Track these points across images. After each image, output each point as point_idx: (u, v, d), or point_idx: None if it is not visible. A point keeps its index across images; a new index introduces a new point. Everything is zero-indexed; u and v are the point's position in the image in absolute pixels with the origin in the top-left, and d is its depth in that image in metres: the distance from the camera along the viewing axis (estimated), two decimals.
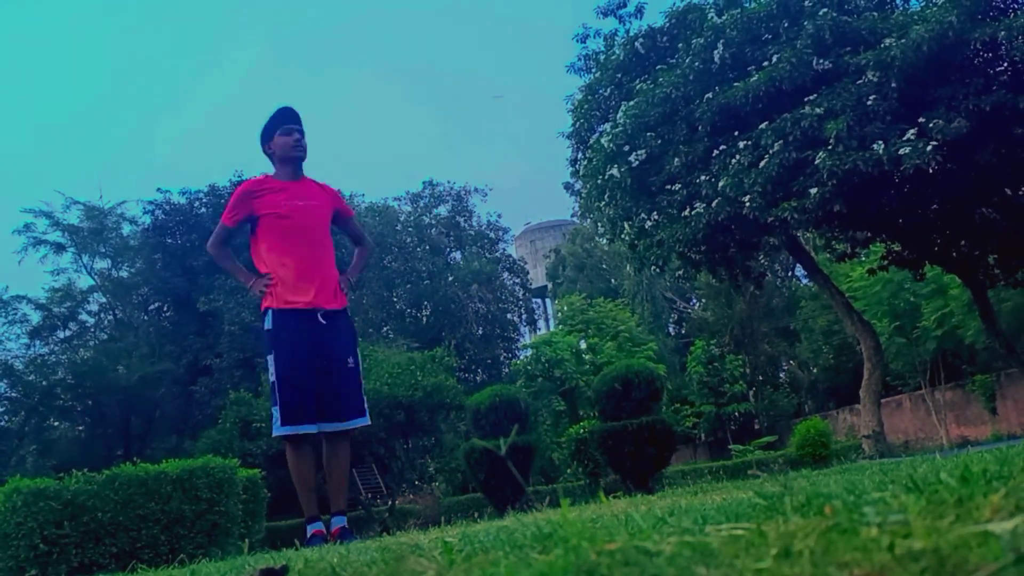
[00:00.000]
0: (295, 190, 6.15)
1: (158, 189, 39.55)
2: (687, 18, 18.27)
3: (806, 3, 16.36)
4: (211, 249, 6.40)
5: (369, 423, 6.19)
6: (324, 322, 5.98)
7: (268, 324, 6.01)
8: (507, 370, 46.40)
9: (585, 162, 19.06)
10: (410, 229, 51.28)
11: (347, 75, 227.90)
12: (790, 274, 49.43)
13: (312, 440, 6.04)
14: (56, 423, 36.34)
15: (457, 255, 53.34)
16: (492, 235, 54.08)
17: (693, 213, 16.32)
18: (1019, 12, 15.02)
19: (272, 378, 5.95)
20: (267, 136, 6.27)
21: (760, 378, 46.29)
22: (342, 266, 6.53)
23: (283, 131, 6.19)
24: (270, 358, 6.00)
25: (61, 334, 36.33)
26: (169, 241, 38.67)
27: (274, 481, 19.29)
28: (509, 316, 53.10)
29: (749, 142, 15.63)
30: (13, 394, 33.49)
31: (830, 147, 14.57)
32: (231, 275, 6.36)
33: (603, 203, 18.64)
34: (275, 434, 5.91)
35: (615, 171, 17.35)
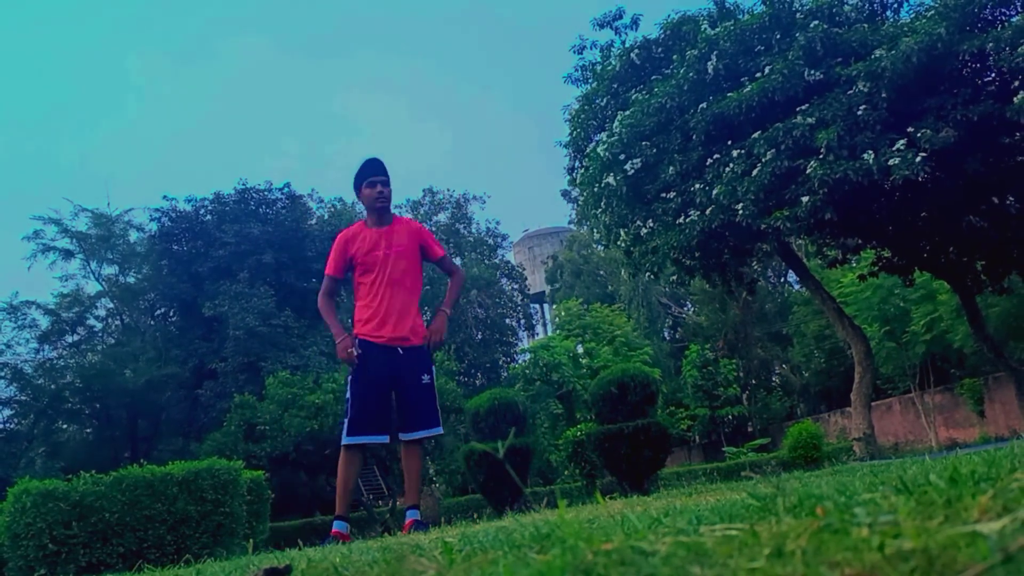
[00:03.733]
0: (383, 237, 6.69)
1: (164, 196, 39.70)
2: (681, 30, 18.41)
3: (798, 15, 16.52)
4: (320, 300, 6.88)
5: (442, 432, 6.83)
6: (402, 353, 6.55)
7: (355, 344, 6.58)
8: (506, 374, 46.53)
9: (582, 170, 19.14)
10: None
11: (347, 76, 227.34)
12: (782, 280, 49.55)
13: (363, 451, 6.74)
14: (64, 426, 36.40)
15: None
16: (491, 242, 54.26)
17: (687, 220, 16.46)
18: (1007, 24, 15.06)
19: (347, 395, 6.58)
20: (356, 187, 6.81)
21: (753, 382, 46.42)
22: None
23: (368, 184, 6.72)
24: (350, 378, 6.61)
25: (69, 339, 36.33)
26: (175, 248, 38.81)
27: (278, 483, 19.50)
28: (508, 321, 53.28)
29: (742, 151, 15.74)
30: (22, 397, 33.51)
31: (821, 156, 14.69)
32: (329, 326, 6.79)
33: (600, 210, 18.78)
34: (343, 443, 6.52)
35: (611, 179, 17.48)
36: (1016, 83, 14.68)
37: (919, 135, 14.30)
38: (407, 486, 6.74)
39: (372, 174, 6.74)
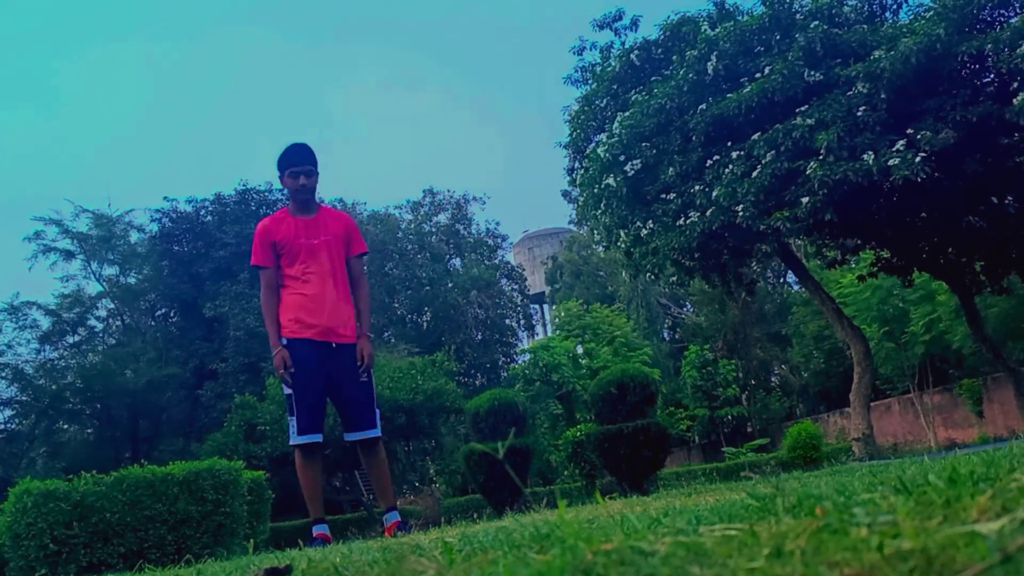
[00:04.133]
0: (307, 226, 6.39)
1: (165, 198, 39.74)
2: (681, 31, 18.43)
3: (798, 16, 16.55)
4: (263, 297, 6.45)
5: (379, 435, 6.48)
6: (335, 347, 6.29)
7: (284, 341, 6.26)
8: (506, 374, 46.59)
9: (582, 171, 19.16)
10: (411, 237, 51.50)
11: (347, 77, 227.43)
12: (782, 281, 49.58)
13: (320, 450, 6.46)
14: (65, 426, 36.49)
15: (457, 262, 53.56)
16: (491, 242, 54.30)
17: (687, 222, 16.48)
18: (1005, 25, 15.08)
19: (287, 391, 6.26)
20: (280, 171, 6.48)
21: (752, 382, 46.45)
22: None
23: (290, 173, 6.37)
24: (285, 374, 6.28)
25: (70, 339, 36.40)
26: (176, 248, 38.89)
27: (278, 483, 19.51)
28: (508, 321, 53.32)
29: (742, 152, 15.77)
30: (23, 398, 33.58)
31: (821, 157, 14.70)
32: (270, 330, 6.40)
33: (599, 211, 18.78)
34: (292, 443, 6.27)
35: (611, 180, 17.49)
36: (1015, 84, 14.69)
37: (919, 136, 14.30)
38: (377, 489, 6.54)
39: (294, 163, 6.39)
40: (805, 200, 14.80)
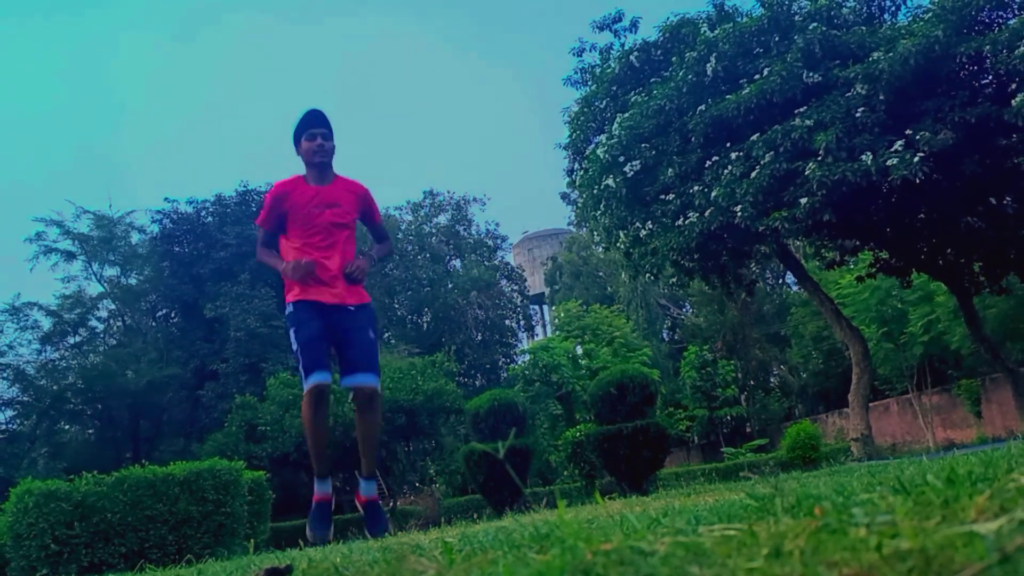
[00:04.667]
0: (322, 194, 6.17)
1: (166, 199, 39.76)
2: (680, 32, 18.48)
3: (796, 18, 16.60)
4: (258, 252, 6.35)
5: (378, 388, 6.19)
6: (343, 310, 6.11)
7: (289, 309, 6.12)
8: (505, 375, 46.64)
9: (581, 172, 19.22)
10: (411, 238, 51.56)
11: (347, 78, 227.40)
12: (781, 281, 49.60)
13: (327, 400, 6.19)
14: (66, 426, 36.57)
15: (457, 263, 53.61)
16: (491, 243, 54.35)
17: (686, 222, 16.54)
18: (1004, 26, 15.15)
19: (294, 346, 6.07)
20: (295, 140, 6.26)
21: (751, 383, 46.48)
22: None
23: (307, 136, 6.16)
24: (292, 332, 6.11)
25: (71, 340, 36.44)
26: (177, 249, 38.94)
27: (279, 483, 19.54)
28: (507, 322, 53.38)
29: (741, 153, 15.83)
30: (25, 398, 33.68)
31: (820, 158, 14.77)
32: (273, 267, 6.24)
33: (599, 212, 18.86)
34: (305, 389, 5.99)
35: (610, 181, 17.56)
36: (1013, 85, 14.76)
37: (917, 137, 14.36)
38: (364, 449, 6.20)
39: (312, 125, 6.20)
40: (804, 201, 14.86)
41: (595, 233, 21.64)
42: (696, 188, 16.46)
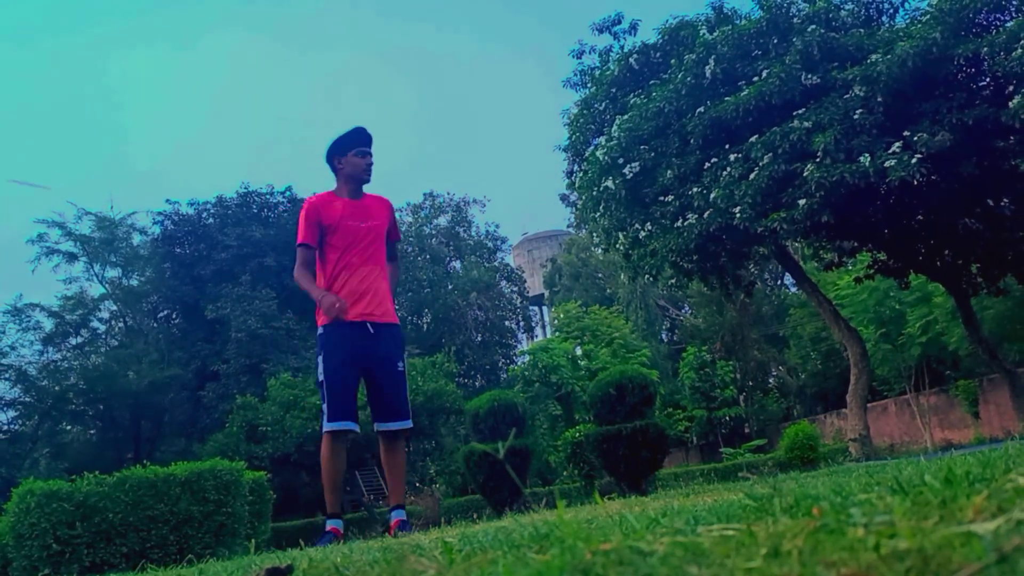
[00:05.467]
0: (357, 209, 6.23)
1: (167, 200, 39.87)
2: (679, 35, 18.54)
3: (795, 20, 16.61)
4: (297, 272, 6.23)
5: (411, 426, 6.32)
6: (372, 331, 6.12)
7: (320, 330, 6.19)
8: (505, 376, 46.73)
9: (581, 174, 19.25)
10: (411, 239, 51.61)
11: (347, 80, 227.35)
12: (779, 283, 49.64)
13: (347, 440, 6.28)
14: (68, 427, 36.67)
15: (457, 264, 53.69)
16: (490, 245, 54.44)
17: (685, 224, 16.57)
18: (1001, 29, 15.14)
19: (320, 378, 6.15)
20: (340, 151, 6.26)
21: (750, 383, 46.52)
22: None
23: (358, 152, 6.24)
24: (319, 359, 6.18)
25: (73, 341, 36.62)
26: (178, 251, 39.04)
27: (279, 483, 19.59)
28: (507, 323, 53.47)
29: (740, 155, 15.87)
30: (27, 399, 33.81)
31: (818, 160, 14.80)
32: (308, 294, 6.19)
33: (598, 214, 18.89)
34: (324, 430, 6.12)
35: (610, 183, 17.59)
36: (1011, 87, 14.76)
37: (915, 138, 14.38)
38: (392, 484, 6.29)
39: (364, 143, 6.27)
40: (802, 202, 14.90)
41: (594, 234, 21.64)
42: (695, 190, 16.49)
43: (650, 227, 17.57)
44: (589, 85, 20.19)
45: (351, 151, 6.24)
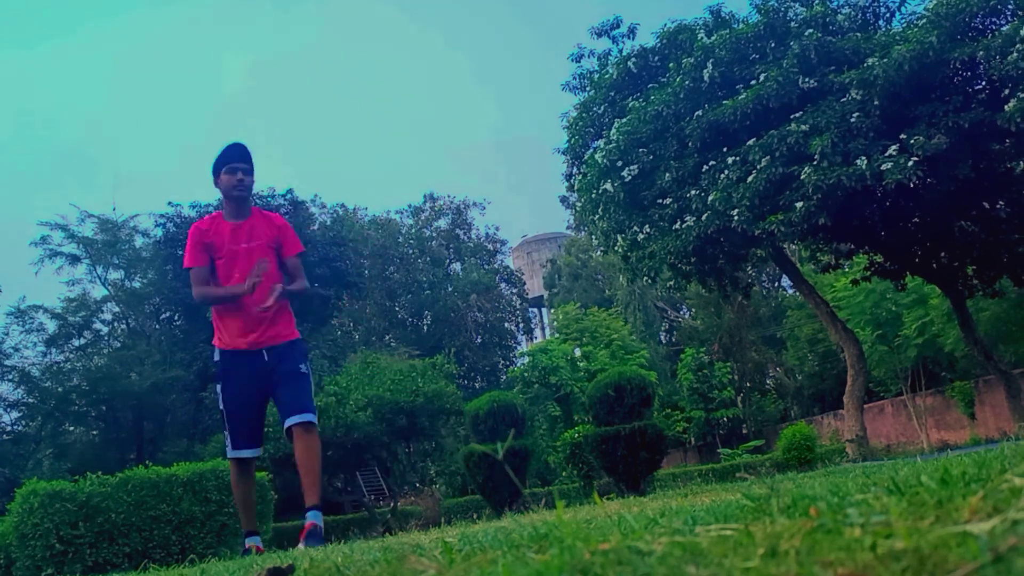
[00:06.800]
0: (240, 230, 6.17)
1: (169, 203, 39.91)
2: (678, 39, 18.62)
3: (792, 24, 16.72)
4: (197, 292, 6.17)
5: (314, 420, 6.11)
6: (267, 358, 6.12)
7: (216, 357, 6.22)
8: (505, 377, 46.80)
9: (580, 177, 19.34)
10: (411, 241, 51.81)
11: (348, 82, 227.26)
12: (777, 284, 49.72)
13: (251, 465, 6.33)
14: (71, 428, 36.62)
15: (457, 266, 53.87)
16: (490, 247, 54.64)
17: (684, 226, 16.64)
18: (996, 32, 15.27)
19: (220, 406, 6.21)
20: (215, 172, 6.21)
21: (748, 384, 46.56)
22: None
23: (228, 170, 6.13)
24: (218, 388, 6.25)
25: (76, 342, 36.63)
26: (180, 253, 38.91)
27: (281, 483, 19.62)
28: (507, 325, 53.64)
29: (737, 158, 15.94)
30: (30, 400, 33.85)
31: (815, 162, 14.87)
32: (227, 299, 6.06)
33: (597, 216, 18.94)
34: (228, 456, 6.22)
35: (609, 185, 17.67)
36: (1006, 91, 14.84)
37: (911, 141, 14.45)
38: (306, 481, 5.96)
39: (232, 160, 6.14)
40: (799, 205, 14.95)
41: (593, 237, 21.67)
42: (693, 192, 16.57)
43: (648, 229, 17.61)
44: (588, 89, 20.26)
45: (223, 169, 6.16)
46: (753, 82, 16.27)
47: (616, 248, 19.23)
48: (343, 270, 39.32)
